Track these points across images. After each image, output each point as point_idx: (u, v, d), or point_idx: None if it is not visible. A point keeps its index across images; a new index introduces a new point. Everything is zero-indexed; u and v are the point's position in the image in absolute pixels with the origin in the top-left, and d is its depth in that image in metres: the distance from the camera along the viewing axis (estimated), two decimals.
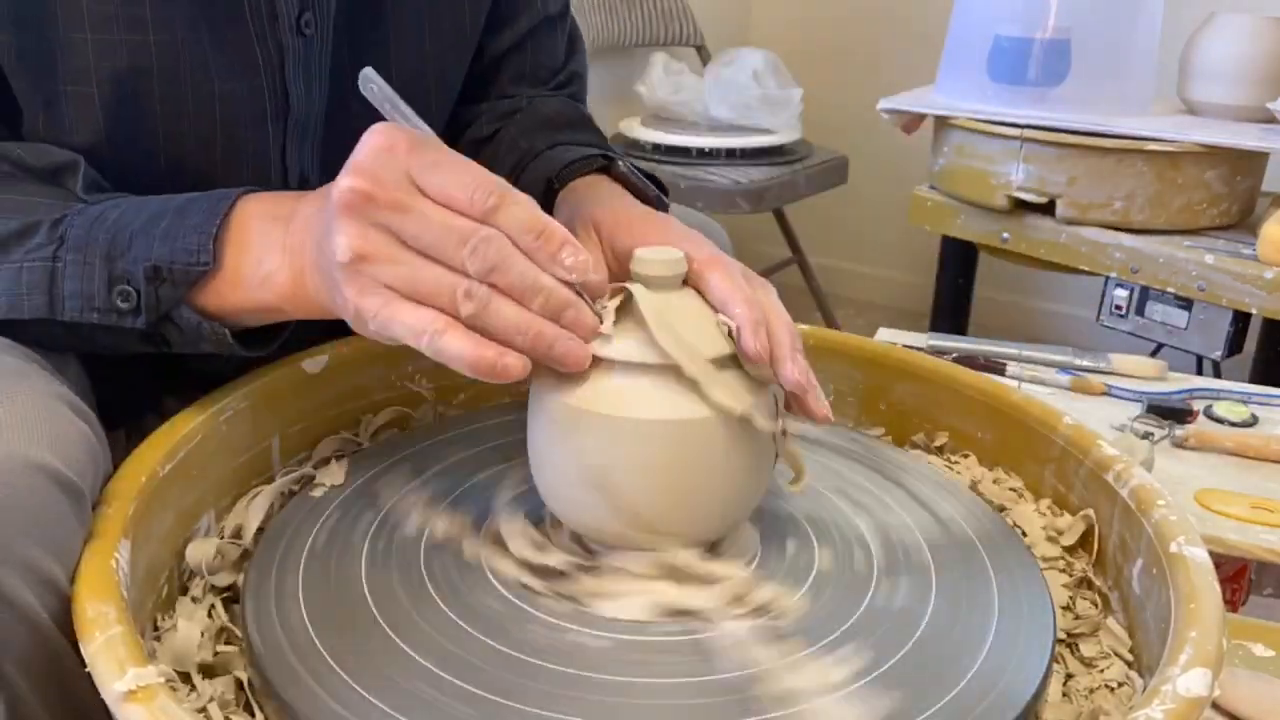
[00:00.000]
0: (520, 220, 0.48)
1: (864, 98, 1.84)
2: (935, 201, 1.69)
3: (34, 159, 0.60)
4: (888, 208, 2.37)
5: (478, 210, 0.48)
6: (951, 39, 1.73)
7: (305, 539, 0.56)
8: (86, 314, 0.55)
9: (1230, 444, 0.94)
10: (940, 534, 0.59)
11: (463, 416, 0.72)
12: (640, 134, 2.08)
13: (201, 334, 0.56)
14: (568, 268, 0.49)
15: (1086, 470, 0.60)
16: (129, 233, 0.55)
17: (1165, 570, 0.50)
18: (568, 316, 0.49)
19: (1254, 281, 1.37)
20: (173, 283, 0.54)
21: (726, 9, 2.61)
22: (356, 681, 0.46)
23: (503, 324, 0.48)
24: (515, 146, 0.78)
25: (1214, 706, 0.56)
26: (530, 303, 0.49)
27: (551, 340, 0.49)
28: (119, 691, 0.39)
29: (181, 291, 0.55)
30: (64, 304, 0.55)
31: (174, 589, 0.54)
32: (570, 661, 0.48)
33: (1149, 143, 1.44)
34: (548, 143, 0.75)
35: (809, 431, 0.69)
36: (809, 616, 0.52)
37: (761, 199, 2.00)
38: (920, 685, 0.47)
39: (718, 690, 0.47)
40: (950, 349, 1.12)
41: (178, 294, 0.55)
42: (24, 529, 0.45)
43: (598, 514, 0.52)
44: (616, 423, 0.50)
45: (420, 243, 0.48)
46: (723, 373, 0.51)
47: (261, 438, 0.63)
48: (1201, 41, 1.60)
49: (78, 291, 0.55)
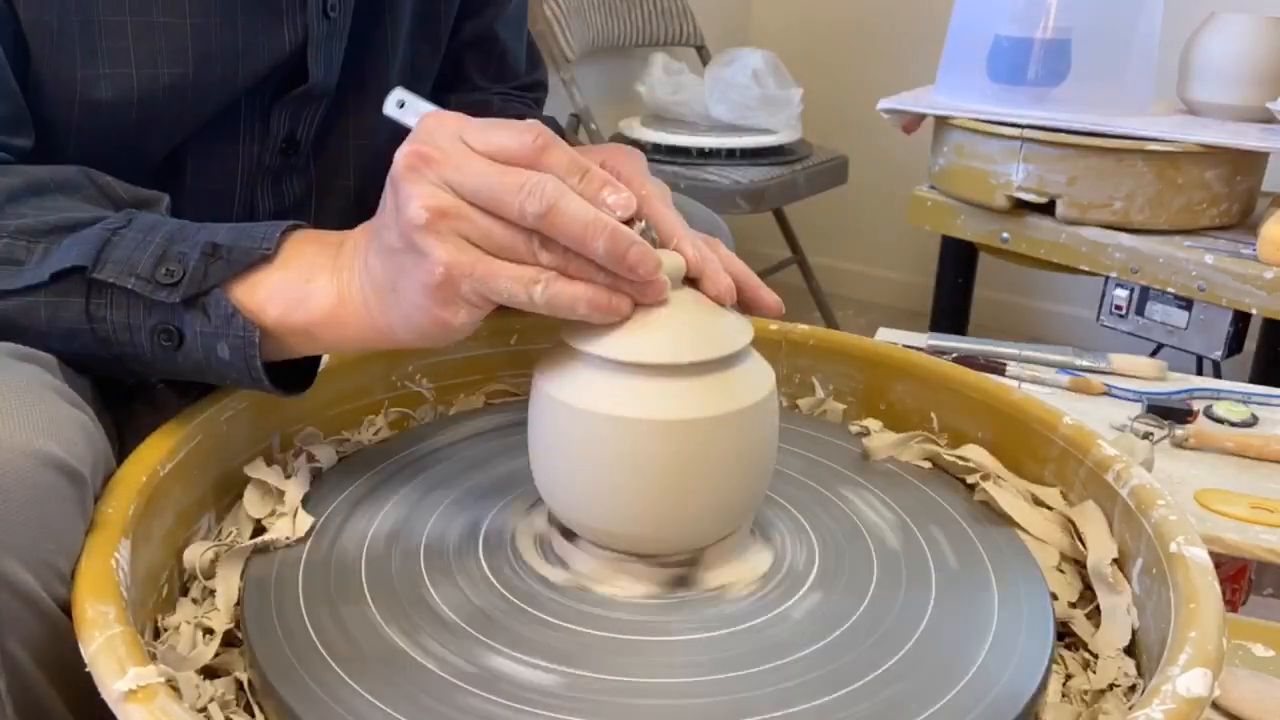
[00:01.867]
0: (565, 163, 0.49)
1: (864, 98, 1.84)
2: (935, 201, 1.69)
3: (123, 191, 0.60)
4: (888, 208, 2.37)
5: (528, 154, 0.48)
6: (951, 39, 1.72)
7: (304, 540, 0.56)
8: (123, 279, 0.53)
9: (1230, 444, 0.94)
10: (940, 533, 0.59)
11: (463, 416, 0.72)
12: (640, 134, 2.08)
13: (229, 330, 0.53)
14: (612, 204, 0.50)
15: (1086, 470, 0.60)
16: (196, 227, 0.55)
17: (1165, 570, 0.50)
18: (633, 254, 0.49)
19: (1254, 281, 1.37)
20: (227, 261, 0.53)
21: (726, 9, 2.61)
22: (356, 681, 0.46)
23: (581, 275, 0.49)
24: None
25: (1214, 706, 0.56)
26: (593, 242, 0.48)
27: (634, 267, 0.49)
28: (119, 691, 0.39)
29: (234, 270, 0.53)
30: (105, 265, 0.53)
31: (174, 589, 0.54)
32: (573, 662, 0.48)
33: (1149, 143, 1.44)
34: None
35: (810, 430, 0.69)
36: (809, 616, 0.52)
37: (761, 199, 2.00)
38: (920, 684, 0.47)
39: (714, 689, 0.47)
40: (950, 349, 1.12)
41: (228, 271, 0.53)
42: (24, 515, 0.45)
43: (599, 514, 0.52)
44: (617, 423, 0.50)
45: (480, 198, 0.48)
46: None
47: (261, 438, 0.63)
48: (1201, 41, 1.60)
49: (125, 259, 0.53)
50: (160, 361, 0.55)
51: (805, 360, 0.75)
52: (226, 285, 0.53)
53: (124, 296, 0.53)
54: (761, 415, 0.52)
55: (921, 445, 0.68)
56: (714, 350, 0.51)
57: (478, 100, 0.88)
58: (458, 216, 0.48)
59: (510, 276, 0.48)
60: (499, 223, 0.48)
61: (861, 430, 0.71)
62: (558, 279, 0.49)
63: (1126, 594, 0.55)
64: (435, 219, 0.47)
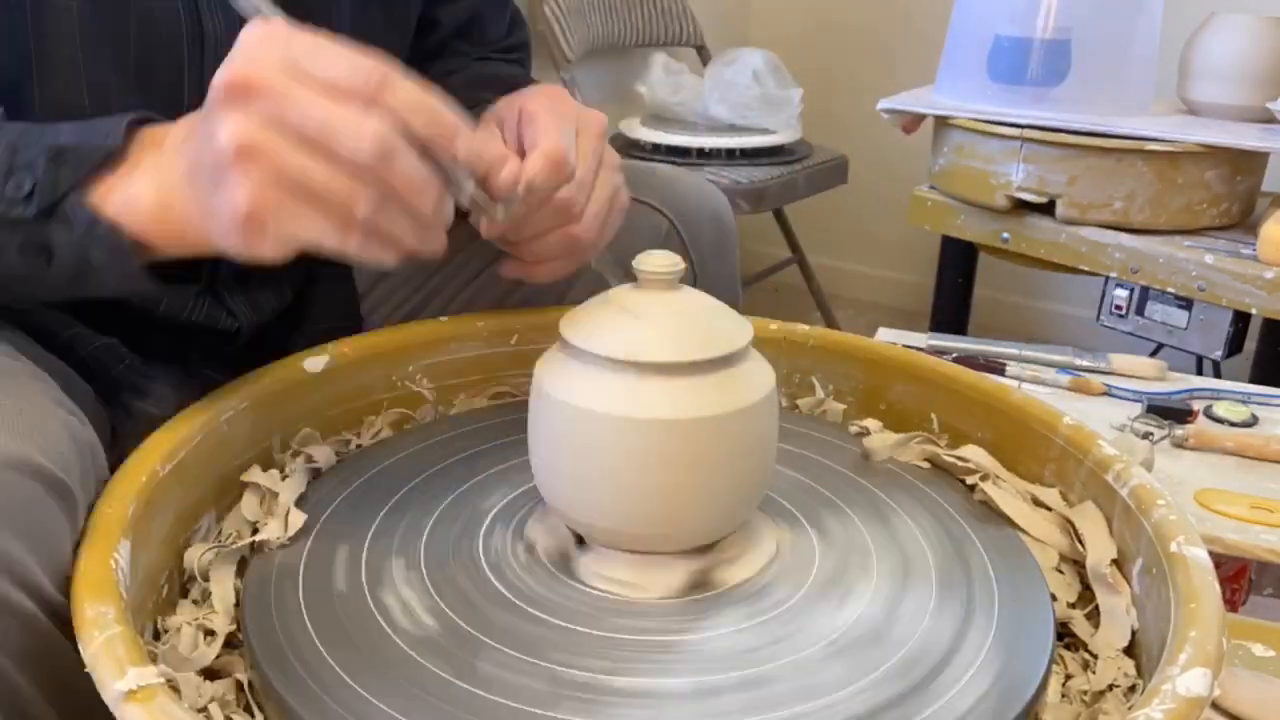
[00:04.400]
0: (408, 101, 0.46)
1: (864, 98, 1.84)
2: (935, 201, 1.69)
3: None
4: (888, 208, 2.37)
5: (365, 91, 0.45)
6: (951, 39, 1.72)
7: (304, 540, 0.56)
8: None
9: (1230, 444, 0.94)
10: (940, 533, 0.59)
11: (463, 416, 0.72)
12: (640, 134, 2.08)
13: (94, 236, 0.50)
14: (463, 158, 0.48)
15: (1086, 470, 0.60)
16: (38, 130, 0.52)
17: (1165, 570, 0.50)
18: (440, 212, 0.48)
19: (1254, 281, 1.37)
20: (74, 165, 0.50)
21: (726, 9, 2.61)
22: (356, 681, 0.46)
23: (396, 230, 0.47)
24: (462, 100, 0.79)
25: (1214, 706, 0.56)
26: (419, 199, 0.47)
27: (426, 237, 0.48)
28: (119, 691, 0.39)
29: (82, 172, 0.50)
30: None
31: (174, 590, 0.54)
32: (573, 662, 0.48)
33: (1149, 143, 1.44)
34: (495, 97, 0.74)
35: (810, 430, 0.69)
36: (809, 615, 0.52)
37: (761, 199, 2.00)
38: (920, 685, 0.47)
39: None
40: (950, 349, 1.12)
41: (78, 175, 0.49)
42: (4, 528, 0.44)
43: (599, 513, 0.52)
44: (617, 422, 0.50)
45: (306, 131, 0.45)
46: None
47: (261, 438, 0.63)
48: (1201, 41, 1.60)
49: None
50: (38, 279, 0.52)
51: (805, 360, 0.75)
52: (81, 189, 0.50)
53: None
54: (762, 415, 0.52)
55: (921, 445, 0.68)
56: (714, 350, 0.51)
57: (453, 67, 0.84)
58: (271, 154, 0.44)
59: (316, 225, 0.46)
60: (320, 161, 0.45)
61: (861, 430, 0.71)
62: (350, 237, 0.46)
63: (1126, 594, 0.55)
64: (243, 152, 0.44)
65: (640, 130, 2.09)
